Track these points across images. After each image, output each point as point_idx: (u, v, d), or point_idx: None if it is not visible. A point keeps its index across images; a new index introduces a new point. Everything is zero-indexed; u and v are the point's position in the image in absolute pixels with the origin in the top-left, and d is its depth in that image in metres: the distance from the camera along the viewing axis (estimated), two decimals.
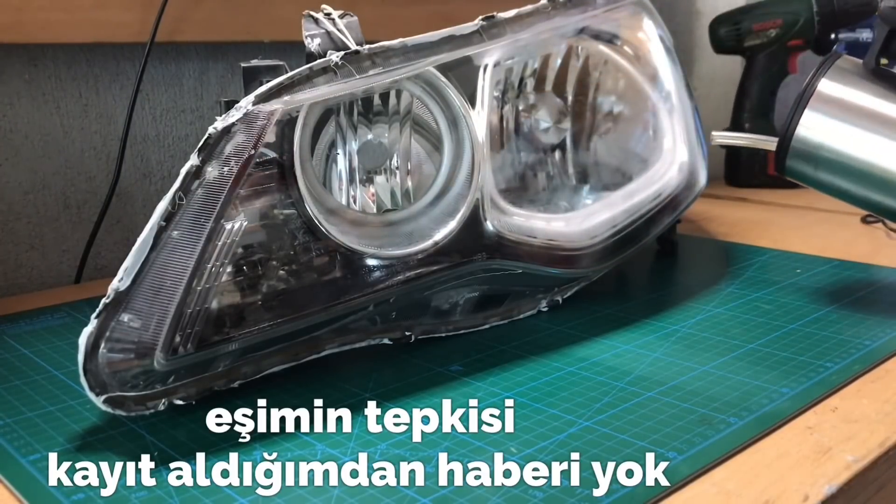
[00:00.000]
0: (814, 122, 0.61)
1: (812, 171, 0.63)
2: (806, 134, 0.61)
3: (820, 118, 0.61)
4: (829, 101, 0.61)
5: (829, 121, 0.61)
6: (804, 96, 0.62)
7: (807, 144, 0.62)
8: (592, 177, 0.75)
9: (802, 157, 0.62)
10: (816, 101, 0.62)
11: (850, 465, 0.42)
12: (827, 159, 0.61)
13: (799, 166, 0.63)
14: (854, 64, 0.63)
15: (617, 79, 0.75)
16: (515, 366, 0.55)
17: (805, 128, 0.61)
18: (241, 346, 0.50)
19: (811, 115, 0.61)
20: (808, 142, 0.62)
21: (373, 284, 0.54)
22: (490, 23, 0.59)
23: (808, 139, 0.62)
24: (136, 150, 0.83)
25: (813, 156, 0.62)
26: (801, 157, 0.62)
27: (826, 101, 0.61)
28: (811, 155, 0.62)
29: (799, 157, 0.63)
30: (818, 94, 0.62)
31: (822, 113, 0.61)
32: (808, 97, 0.62)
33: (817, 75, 0.62)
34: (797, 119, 0.62)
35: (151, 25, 0.76)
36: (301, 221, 0.52)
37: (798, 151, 0.62)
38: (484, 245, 0.59)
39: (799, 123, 0.61)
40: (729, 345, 0.58)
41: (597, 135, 0.76)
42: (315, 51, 0.53)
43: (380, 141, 0.58)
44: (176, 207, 0.46)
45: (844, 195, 0.64)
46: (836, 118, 0.61)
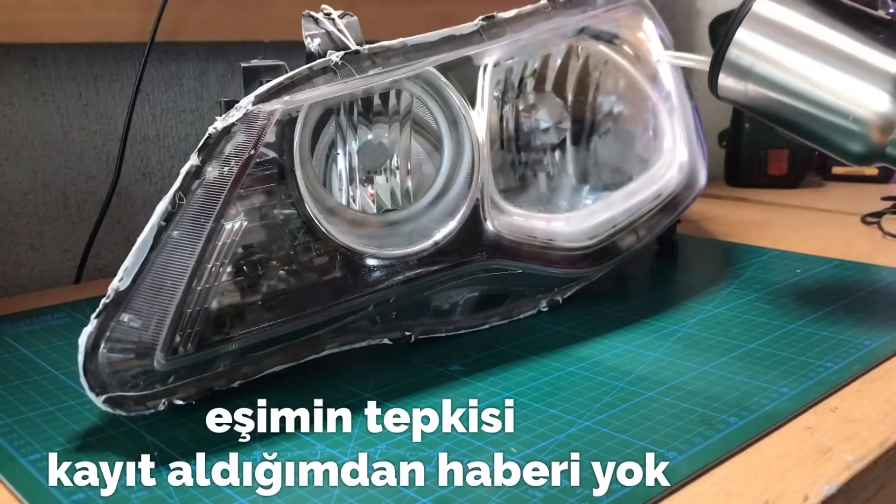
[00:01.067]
0: (747, 40, 0.60)
1: (743, 90, 0.62)
2: (738, 53, 0.61)
3: (754, 37, 0.60)
4: (763, 22, 0.60)
5: (762, 40, 0.60)
6: (739, 15, 0.61)
7: (739, 62, 0.61)
8: (592, 177, 0.75)
9: (735, 75, 0.62)
10: (751, 21, 0.60)
11: (850, 465, 0.42)
12: (758, 78, 0.61)
13: (732, 85, 0.62)
14: None
15: (617, 79, 0.75)
16: (515, 366, 0.55)
17: (738, 46, 0.61)
18: (241, 346, 0.50)
19: (745, 34, 0.61)
20: (739, 60, 0.61)
21: (373, 284, 0.54)
22: (490, 23, 0.59)
23: (739, 58, 0.61)
24: (136, 150, 0.83)
25: (744, 74, 0.61)
26: (734, 76, 0.62)
27: (760, 21, 0.60)
28: (742, 73, 0.61)
29: (732, 76, 0.62)
30: (753, 13, 0.61)
31: (756, 32, 0.60)
32: (743, 16, 0.61)
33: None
34: (730, 37, 0.61)
35: (151, 25, 0.76)
36: (301, 221, 0.52)
37: (730, 69, 0.61)
38: (484, 245, 0.59)
39: (732, 41, 0.61)
40: (729, 345, 0.58)
41: (597, 135, 0.76)
42: (315, 51, 0.53)
43: (380, 141, 0.58)
44: (176, 207, 0.46)
45: (773, 117, 0.63)
46: (770, 38, 0.60)
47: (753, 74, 0.60)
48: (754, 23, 0.61)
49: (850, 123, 0.58)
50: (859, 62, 0.58)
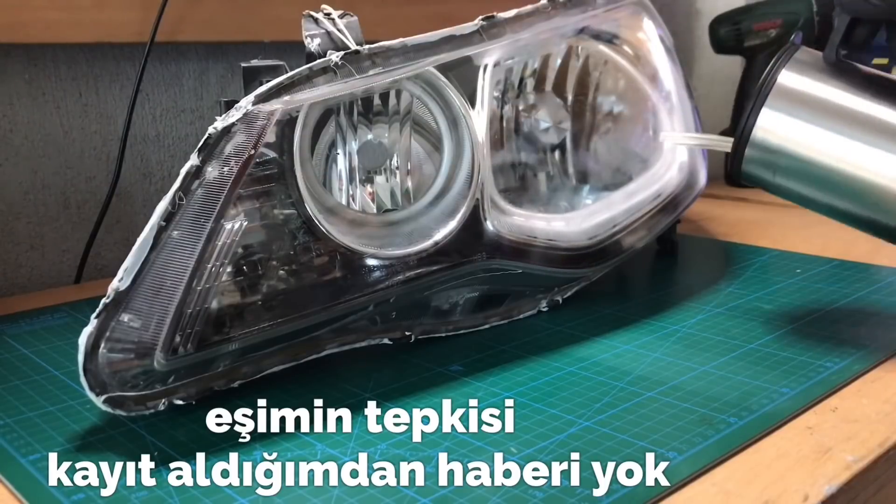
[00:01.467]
0: (772, 122, 0.55)
1: (771, 177, 0.56)
2: (764, 136, 0.55)
3: (779, 118, 0.55)
4: (788, 99, 0.55)
5: (789, 120, 0.55)
6: (761, 93, 0.55)
7: (765, 147, 0.55)
8: (592, 177, 0.75)
9: (760, 161, 0.56)
10: (774, 99, 0.55)
11: (850, 465, 0.42)
12: (787, 163, 0.55)
13: (756, 171, 0.57)
14: (813, 56, 0.57)
15: (617, 79, 0.75)
16: (515, 366, 0.55)
17: (762, 129, 0.55)
18: (241, 346, 0.50)
19: (769, 115, 0.55)
20: (766, 144, 0.55)
21: (373, 284, 0.54)
22: (490, 23, 0.59)
23: (766, 141, 0.55)
24: (136, 150, 0.83)
25: (771, 160, 0.55)
26: (759, 161, 0.56)
27: (785, 99, 0.55)
28: (769, 159, 0.56)
29: (756, 162, 0.56)
30: (776, 90, 0.55)
31: (781, 111, 0.55)
32: (766, 94, 0.55)
33: (775, 70, 0.56)
34: (753, 119, 0.55)
35: (151, 25, 0.76)
36: (301, 221, 0.52)
37: (755, 155, 0.56)
38: (484, 245, 0.59)
39: (756, 124, 0.55)
40: (729, 345, 0.58)
41: (597, 135, 0.76)
42: (315, 51, 0.53)
43: (380, 141, 0.58)
44: (176, 207, 0.46)
45: (807, 202, 0.57)
46: (797, 117, 0.55)
47: (783, 159, 0.55)
48: (780, 99, 0.55)
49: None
50: None
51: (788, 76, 0.55)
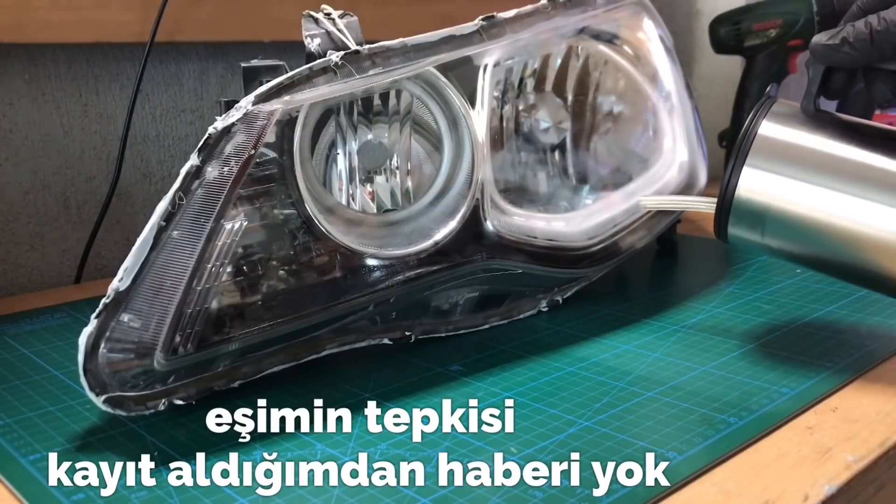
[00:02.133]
0: (755, 180, 0.52)
1: (759, 238, 0.53)
2: (748, 196, 0.52)
3: (761, 175, 0.52)
4: (769, 155, 0.52)
5: (772, 177, 0.52)
6: (741, 151, 0.52)
7: (750, 208, 0.52)
8: (592, 177, 0.75)
9: (746, 223, 0.53)
10: (755, 156, 0.52)
11: (850, 465, 0.42)
12: (775, 223, 0.52)
13: (744, 234, 0.54)
14: (791, 108, 0.54)
15: (617, 79, 0.75)
16: (515, 366, 0.55)
17: (746, 189, 0.52)
18: (241, 346, 0.50)
19: (751, 174, 0.52)
20: (750, 205, 0.52)
21: (373, 284, 0.54)
22: (490, 23, 0.59)
23: (750, 202, 0.52)
24: (136, 150, 0.83)
25: (758, 221, 0.52)
26: (745, 223, 0.53)
27: (766, 155, 0.52)
28: (755, 220, 0.52)
29: (742, 224, 0.53)
30: (756, 146, 0.52)
31: (763, 169, 0.52)
32: (746, 152, 0.52)
33: (753, 125, 0.53)
34: (735, 180, 0.52)
35: (151, 25, 0.76)
36: (301, 221, 0.52)
37: (740, 217, 0.53)
38: (484, 245, 0.59)
39: (738, 185, 0.52)
40: (729, 345, 0.58)
41: (597, 135, 0.76)
42: (315, 51, 0.53)
43: (380, 141, 0.58)
44: (176, 207, 0.46)
45: (800, 260, 0.55)
46: (780, 173, 0.52)
47: (769, 218, 0.52)
48: (760, 156, 0.52)
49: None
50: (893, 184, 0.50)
51: (768, 131, 0.53)
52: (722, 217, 0.54)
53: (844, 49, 0.49)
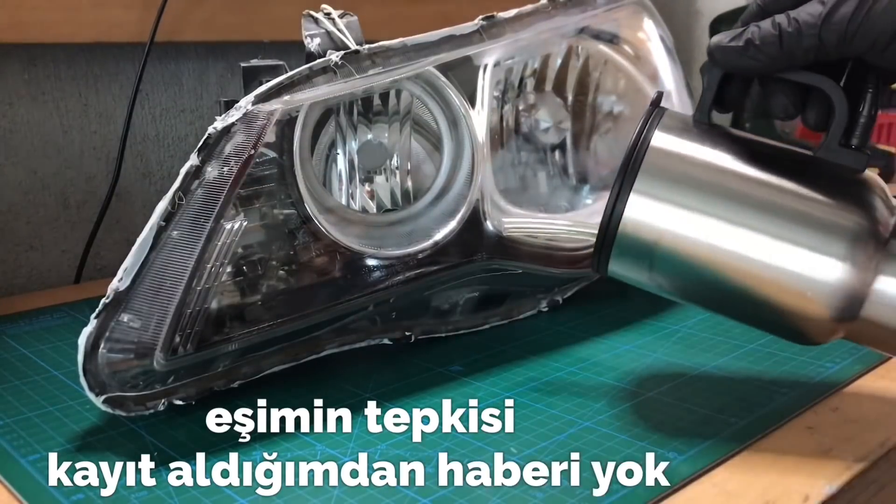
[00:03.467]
0: (643, 209, 0.44)
1: (646, 275, 0.46)
2: (633, 229, 0.44)
3: (650, 204, 0.44)
4: (660, 179, 0.44)
5: (663, 207, 0.44)
6: (627, 174, 0.44)
7: (636, 241, 0.44)
8: (592, 177, 0.75)
9: (631, 257, 0.45)
10: (644, 181, 0.44)
11: (851, 466, 0.42)
12: (665, 260, 0.44)
13: (626, 270, 0.46)
14: (681, 121, 0.46)
15: (617, 79, 0.75)
16: (515, 366, 0.55)
17: (633, 221, 0.44)
18: (241, 346, 0.50)
19: (639, 202, 0.44)
20: (637, 237, 0.44)
21: (373, 284, 0.54)
22: (490, 22, 0.59)
23: (637, 234, 0.44)
24: (136, 150, 0.83)
25: (645, 256, 0.44)
26: (630, 257, 0.45)
27: (657, 180, 0.44)
28: (643, 255, 0.45)
29: (626, 258, 0.45)
30: (645, 169, 0.44)
31: (652, 197, 0.44)
32: (634, 175, 0.44)
33: (641, 142, 0.45)
34: (621, 207, 0.44)
35: (151, 25, 0.76)
36: (301, 221, 0.52)
37: (625, 251, 0.45)
38: (484, 245, 0.59)
39: (623, 214, 0.44)
40: (729, 345, 0.58)
41: (597, 135, 0.76)
42: (315, 50, 0.53)
43: (380, 141, 0.58)
44: (176, 207, 0.46)
45: (692, 299, 0.47)
46: (673, 203, 0.44)
47: (658, 254, 0.44)
48: (652, 176, 0.44)
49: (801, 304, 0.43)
50: (802, 218, 0.43)
51: (657, 149, 0.45)
52: (604, 250, 0.45)
53: (750, 53, 0.42)
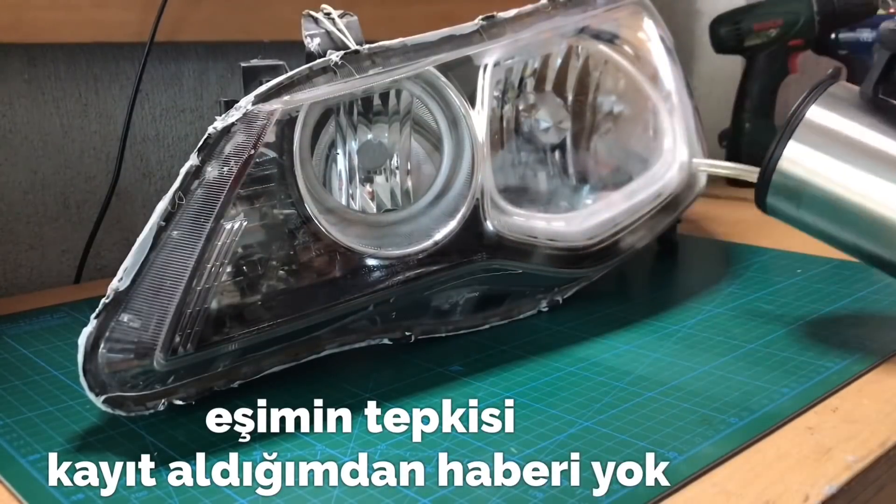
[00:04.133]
0: (799, 154, 0.55)
1: (794, 211, 0.56)
2: (789, 168, 0.55)
3: (806, 151, 0.55)
4: (818, 132, 0.55)
5: (816, 154, 0.55)
6: (790, 125, 0.55)
7: (790, 179, 0.55)
8: (592, 177, 0.75)
9: (784, 193, 0.56)
10: (804, 131, 0.55)
11: (851, 466, 0.42)
12: (811, 198, 0.55)
13: (780, 204, 0.57)
14: (850, 91, 0.56)
15: (617, 79, 0.75)
16: (515, 366, 0.55)
17: (789, 160, 0.55)
18: (241, 346, 0.50)
19: (796, 147, 0.55)
20: (791, 176, 0.55)
21: (373, 284, 0.54)
22: (490, 22, 0.59)
23: (791, 173, 0.55)
24: (136, 150, 0.83)
25: (796, 193, 0.55)
26: (783, 193, 0.56)
27: (815, 132, 0.55)
28: (794, 192, 0.55)
29: (781, 194, 0.56)
30: (806, 122, 0.55)
31: (809, 145, 0.55)
32: (795, 126, 0.55)
33: (807, 102, 0.56)
34: (780, 150, 0.55)
35: (151, 25, 0.76)
36: (301, 221, 0.52)
37: (780, 186, 0.56)
38: (484, 245, 0.59)
39: (782, 155, 0.55)
40: (729, 345, 0.58)
41: (597, 135, 0.76)
42: (315, 50, 0.53)
43: (380, 141, 0.58)
44: (176, 207, 0.46)
45: (830, 239, 0.58)
46: (825, 151, 0.54)
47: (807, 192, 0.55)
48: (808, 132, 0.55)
49: None
50: None
51: (819, 110, 0.55)
52: (762, 186, 0.57)
53: None
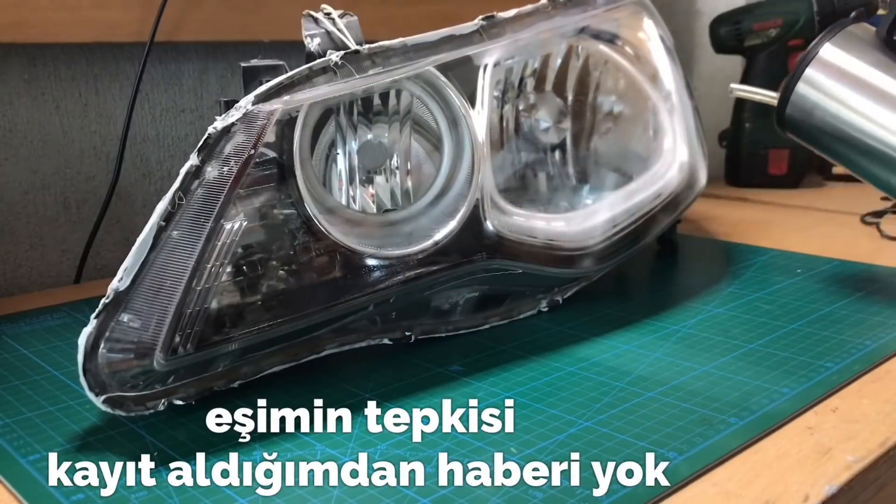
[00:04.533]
0: (814, 80, 0.65)
1: (806, 129, 0.67)
2: (805, 91, 0.66)
3: (820, 78, 0.65)
4: (831, 64, 0.65)
5: (828, 82, 0.65)
6: (808, 55, 0.65)
7: (804, 101, 0.66)
8: (592, 177, 0.75)
9: (799, 112, 0.67)
10: (819, 62, 0.65)
11: (851, 466, 0.42)
12: (822, 119, 0.66)
13: (795, 122, 0.68)
14: (867, 32, 0.66)
15: (617, 79, 0.75)
16: (515, 366, 0.55)
17: (805, 84, 0.66)
18: (241, 346, 0.50)
19: (812, 74, 0.65)
20: (805, 98, 0.66)
21: (373, 284, 0.54)
22: (490, 22, 0.59)
23: (805, 96, 0.66)
24: (136, 150, 0.83)
25: (809, 113, 0.66)
26: (798, 112, 0.67)
27: (829, 63, 0.65)
28: (807, 112, 0.66)
29: (796, 113, 0.67)
30: (822, 54, 0.65)
31: (823, 73, 0.65)
32: (812, 56, 0.65)
33: (825, 37, 0.66)
34: (798, 75, 0.66)
35: (151, 25, 0.76)
36: (301, 221, 0.52)
37: (796, 107, 0.67)
38: (484, 245, 0.59)
39: (800, 79, 0.66)
40: (729, 345, 0.58)
41: (597, 135, 0.76)
42: (315, 50, 0.53)
43: (380, 141, 0.58)
44: (175, 207, 0.46)
45: (836, 157, 0.68)
46: (837, 80, 0.65)
47: (818, 111, 0.65)
48: (824, 62, 0.66)
49: None
50: None
51: (837, 42, 0.65)
52: (783, 102, 0.67)
53: None
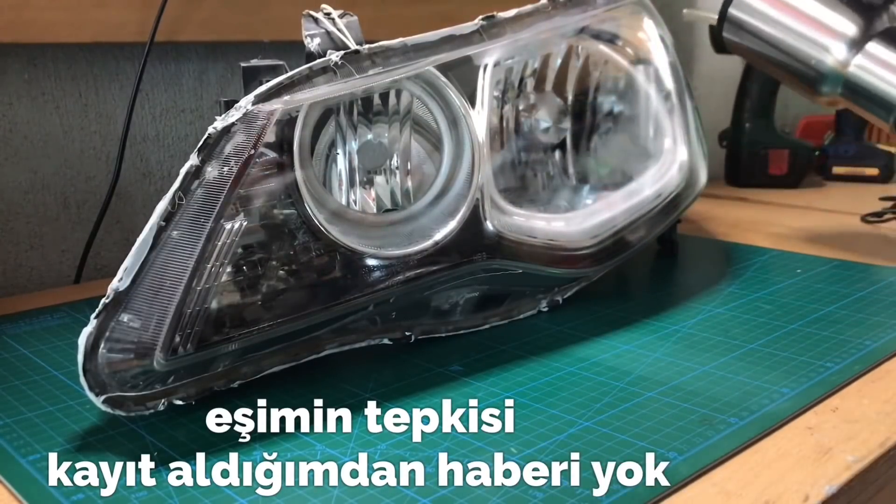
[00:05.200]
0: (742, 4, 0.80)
1: (738, 40, 0.81)
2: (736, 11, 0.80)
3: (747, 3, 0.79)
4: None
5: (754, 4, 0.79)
6: None
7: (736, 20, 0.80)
8: (592, 177, 0.75)
9: (733, 29, 0.80)
10: None
11: (851, 466, 0.42)
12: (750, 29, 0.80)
13: (730, 36, 0.81)
14: None
15: (617, 79, 0.75)
16: (515, 366, 0.55)
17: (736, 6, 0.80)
18: (241, 347, 0.50)
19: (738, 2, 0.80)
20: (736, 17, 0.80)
21: (373, 284, 0.54)
22: (490, 22, 0.59)
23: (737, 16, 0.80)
24: (136, 150, 0.83)
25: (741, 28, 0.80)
26: (732, 29, 0.80)
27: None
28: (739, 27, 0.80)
29: (731, 30, 0.81)
30: None
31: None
32: None
33: None
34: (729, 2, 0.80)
35: (151, 25, 0.76)
36: (301, 221, 0.52)
37: (731, 22, 0.80)
38: (484, 245, 0.59)
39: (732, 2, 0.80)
40: (729, 345, 0.58)
41: (597, 135, 0.76)
42: (315, 50, 0.53)
43: (380, 141, 0.58)
44: (176, 207, 0.46)
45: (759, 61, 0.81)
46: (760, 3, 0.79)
47: (746, 27, 0.80)
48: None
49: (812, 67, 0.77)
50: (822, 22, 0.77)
51: None
52: (720, 23, 0.81)
53: None
